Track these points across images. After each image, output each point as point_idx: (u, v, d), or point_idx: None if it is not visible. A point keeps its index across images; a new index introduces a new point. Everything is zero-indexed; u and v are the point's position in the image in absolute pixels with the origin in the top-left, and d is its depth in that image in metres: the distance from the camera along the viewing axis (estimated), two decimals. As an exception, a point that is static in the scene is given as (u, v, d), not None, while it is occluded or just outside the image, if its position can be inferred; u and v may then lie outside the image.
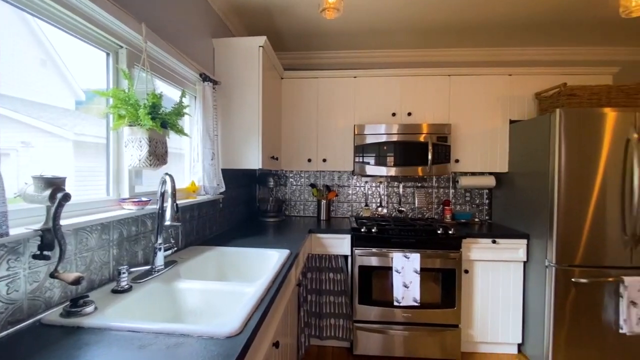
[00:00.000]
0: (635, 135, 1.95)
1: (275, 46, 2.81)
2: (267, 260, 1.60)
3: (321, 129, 2.66)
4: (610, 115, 1.97)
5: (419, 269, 2.14)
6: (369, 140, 2.54)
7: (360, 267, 2.26)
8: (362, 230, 2.27)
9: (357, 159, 2.55)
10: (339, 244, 2.33)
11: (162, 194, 1.27)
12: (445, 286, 2.21)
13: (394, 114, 2.60)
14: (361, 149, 2.55)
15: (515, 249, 2.25)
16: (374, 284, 2.26)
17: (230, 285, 1.18)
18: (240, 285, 1.17)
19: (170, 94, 1.71)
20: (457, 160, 2.56)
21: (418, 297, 2.14)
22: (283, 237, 2.01)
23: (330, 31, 2.55)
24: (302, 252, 2.05)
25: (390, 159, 2.52)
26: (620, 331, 1.94)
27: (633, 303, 1.92)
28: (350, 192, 3.00)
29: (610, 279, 1.97)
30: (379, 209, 2.92)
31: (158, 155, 1.23)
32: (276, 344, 1.22)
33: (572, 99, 2.16)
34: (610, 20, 2.31)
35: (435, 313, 2.22)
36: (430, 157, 2.46)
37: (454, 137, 2.56)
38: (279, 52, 2.94)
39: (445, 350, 2.22)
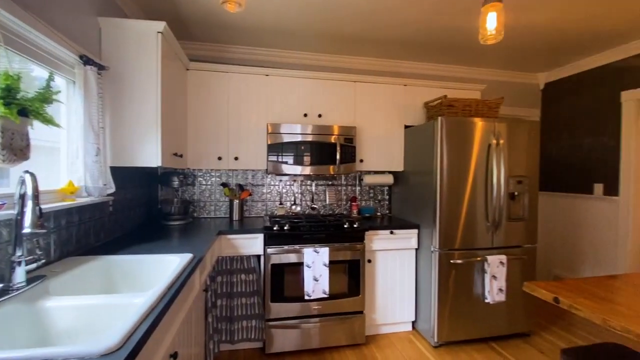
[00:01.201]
0: (494, 141, 2.41)
1: (180, 34, 2.60)
2: (166, 267, 1.47)
3: (233, 125, 2.57)
4: (478, 124, 2.40)
5: (327, 262, 2.25)
6: (282, 139, 2.56)
7: (273, 265, 2.26)
8: (275, 228, 2.27)
9: (271, 158, 2.55)
10: (252, 244, 2.29)
11: (22, 196, 1.04)
12: (351, 276, 2.38)
13: (305, 115, 2.68)
14: (274, 148, 2.55)
15: (409, 238, 2.56)
16: (286, 281, 2.29)
17: (115, 298, 1.05)
18: (128, 297, 1.04)
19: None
20: (361, 160, 2.78)
21: (327, 289, 2.25)
22: (188, 241, 1.87)
23: (238, 25, 2.48)
24: (210, 255, 1.95)
25: (303, 159, 2.58)
26: (486, 301, 2.39)
27: (494, 277, 2.38)
28: (264, 191, 2.97)
29: (478, 259, 2.40)
30: (293, 207, 2.97)
31: (15, 149, 1.02)
32: (174, 355, 1.14)
33: (451, 109, 2.56)
34: (478, 46, 2.82)
35: (342, 302, 2.36)
36: (338, 157, 2.61)
37: (359, 138, 2.77)
38: (185, 41, 2.74)
39: (352, 336, 2.39)
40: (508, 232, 2.46)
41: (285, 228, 2.28)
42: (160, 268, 1.47)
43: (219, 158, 2.54)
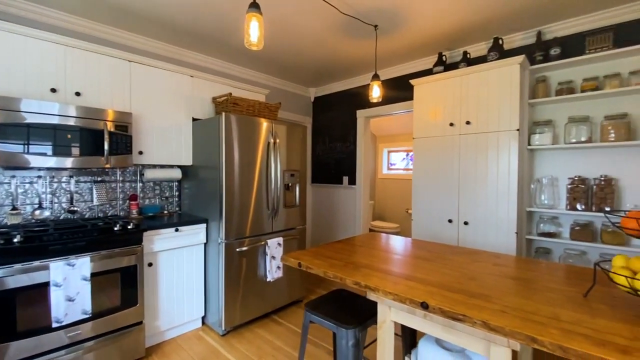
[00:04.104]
0: (272, 140, 2.76)
1: None
2: None
3: None
4: (261, 124, 2.66)
5: (89, 275, 1.85)
6: (14, 119, 1.86)
7: (-7, 294, 1.62)
8: (-5, 242, 1.63)
9: (-6, 145, 1.80)
10: (-54, 271, 1.54)
11: None
12: (126, 285, 2.07)
13: (54, 90, 2.07)
14: (5, 131, 1.81)
15: (197, 234, 2.51)
16: (21, 311, 1.70)
17: None
18: None
19: None
20: (141, 152, 2.47)
21: (89, 308, 1.85)
22: None
23: None
24: None
25: (50, 147, 1.98)
26: (267, 280, 2.70)
27: (273, 257, 2.72)
28: (-19, 192, 2.07)
29: (262, 243, 2.68)
30: (38, 212, 2.24)
31: None
32: None
33: (236, 107, 2.70)
34: (259, 54, 3.13)
35: (115, 318, 2.01)
36: (107, 147, 2.19)
37: (137, 127, 2.45)
38: None
39: (128, 353, 2.08)
40: (284, 217, 2.88)
41: (15, 240, 1.68)
42: None
43: None
